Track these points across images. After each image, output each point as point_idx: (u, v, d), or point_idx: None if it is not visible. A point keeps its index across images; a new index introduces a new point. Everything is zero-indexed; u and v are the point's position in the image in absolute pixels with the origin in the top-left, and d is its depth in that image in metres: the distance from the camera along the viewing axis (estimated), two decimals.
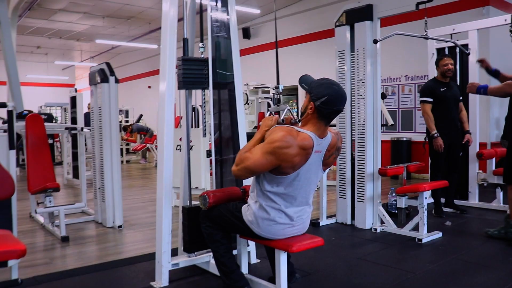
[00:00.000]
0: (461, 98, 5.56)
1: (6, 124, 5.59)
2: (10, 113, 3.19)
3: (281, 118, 2.96)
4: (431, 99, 5.30)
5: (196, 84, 3.66)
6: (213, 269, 3.46)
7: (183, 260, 3.49)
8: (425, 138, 5.57)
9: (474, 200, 6.02)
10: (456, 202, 5.84)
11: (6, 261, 2.24)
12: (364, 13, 4.87)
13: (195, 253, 3.53)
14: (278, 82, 3.43)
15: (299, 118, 2.76)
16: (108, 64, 5.22)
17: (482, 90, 4.50)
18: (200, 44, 3.69)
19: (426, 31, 5.23)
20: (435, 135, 5.20)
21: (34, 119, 5.36)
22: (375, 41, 4.68)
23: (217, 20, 3.66)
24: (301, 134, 2.57)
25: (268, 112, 3.01)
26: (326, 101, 2.56)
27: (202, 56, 3.68)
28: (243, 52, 3.72)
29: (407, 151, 9.27)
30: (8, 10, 3.24)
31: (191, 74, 3.59)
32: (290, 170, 2.58)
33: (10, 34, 3.47)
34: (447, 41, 5.88)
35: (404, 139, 9.33)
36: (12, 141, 3.22)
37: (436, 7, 8.23)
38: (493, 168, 6.05)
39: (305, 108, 2.66)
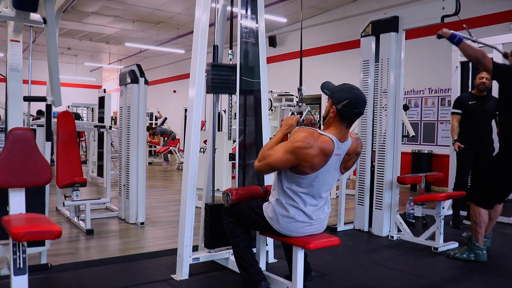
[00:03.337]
0: None
1: (39, 120, 5.82)
2: (48, 106, 3.37)
3: (302, 118, 3.08)
4: (459, 111, 5.38)
5: (224, 89, 3.80)
6: (232, 265, 3.59)
7: (204, 255, 3.62)
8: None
9: None
10: None
11: (44, 241, 2.40)
12: (390, 25, 4.96)
13: (215, 249, 3.66)
14: (301, 84, 3.53)
15: (322, 122, 2.88)
16: (138, 66, 5.41)
17: (456, 39, 3.98)
18: (229, 51, 3.83)
19: (472, 35, 4.96)
20: (453, 141, 5.28)
21: (66, 116, 5.58)
22: (439, 36, 4.17)
23: (246, 27, 3.80)
24: (322, 137, 2.69)
25: (290, 113, 3.13)
26: (347, 104, 2.69)
27: (231, 62, 3.82)
28: (269, 60, 3.85)
29: (428, 163, 9.26)
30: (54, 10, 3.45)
31: (219, 80, 3.72)
32: (309, 170, 2.70)
33: (55, 32, 3.66)
34: (489, 46, 5.66)
35: (426, 151, 9.33)
36: (49, 133, 3.40)
37: (462, 21, 8.26)
38: None
39: (327, 113, 2.79)
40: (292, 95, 10.16)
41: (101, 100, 9.81)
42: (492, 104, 5.52)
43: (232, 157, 3.77)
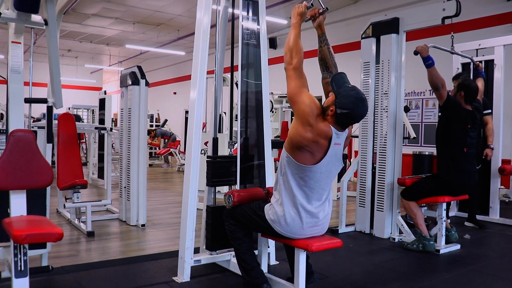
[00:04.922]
0: (489, 111, 5.63)
1: (41, 121, 5.82)
2: (49, 108, 3.37)
3: (310, 3, 3.03)
4: None
5: (225, 182, 3.75)
6: (233, 267, 3.58)
7: (205, 257, 3.61)
8: None
9: (495, 215, 5.99)
10: (477, 217, 5.83)
11: (45, 243, 2.40)
12: (391, 26, 4.95)
13: (217, 251, 3.65)
14: None
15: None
16: (139, 68, 5.40)
17: (429, 62, 4.38)
18: (229, 141, 3.85)
19: (452, 46, 5.27)
20: None
21: (66, 118, 5.57)
22: (416, 53, 4.56)
23: (248, 29, 3.80)
24: (325, 122, 2.73)
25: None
26: (347, 114, 2.69)
27: (231, 152, 3.83)
28: (269, 62, 3.83)
29: (429, 165, 9.24)
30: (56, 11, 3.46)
31: (220, 173, 3.68)
32: (299, 138, 2.69)
33: (57, 34, 3.66)
34: (465, 57, 5.94)
35: (426, 153, 9.32)
36: (50, 135, 3.40)
37: (463, 23, 8.27)
38: None
39: (327, 106, 2.78)
40: None
41: (102, 102, 9.81)
42: (479, 104, 5.52)
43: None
